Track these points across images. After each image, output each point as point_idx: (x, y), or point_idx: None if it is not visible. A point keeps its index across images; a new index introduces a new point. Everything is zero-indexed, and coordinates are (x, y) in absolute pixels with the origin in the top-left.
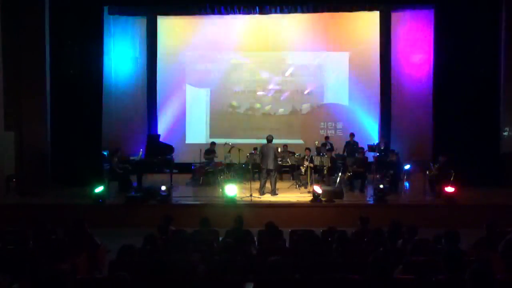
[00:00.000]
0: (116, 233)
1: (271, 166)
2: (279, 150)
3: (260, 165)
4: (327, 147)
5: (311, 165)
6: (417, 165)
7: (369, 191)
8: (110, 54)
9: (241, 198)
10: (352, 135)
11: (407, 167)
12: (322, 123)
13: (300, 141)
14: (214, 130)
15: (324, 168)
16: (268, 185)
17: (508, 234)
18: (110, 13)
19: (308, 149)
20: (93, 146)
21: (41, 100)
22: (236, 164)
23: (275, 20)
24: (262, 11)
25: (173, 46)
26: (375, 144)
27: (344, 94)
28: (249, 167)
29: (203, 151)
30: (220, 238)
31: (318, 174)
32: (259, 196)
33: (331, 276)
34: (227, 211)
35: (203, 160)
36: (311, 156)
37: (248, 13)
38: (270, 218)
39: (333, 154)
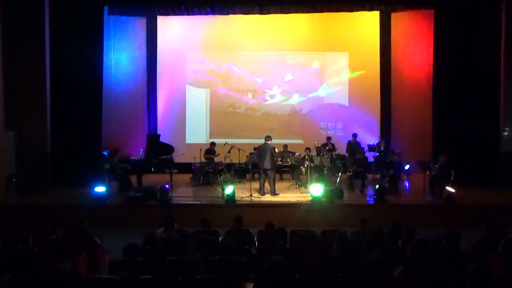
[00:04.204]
0: (116, 233)
1: (267, 165)
2: (277, 150)
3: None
4: (328, 148)
5: (312, 164)
6: (417, 165)
7: (369, 191)
8: (110, 54)
9: (241, 198)
10: (354, 135)
11: (407, 167)
12: (322, 123)
13: (300, 141)
14: (214, 130)
15: (324, 168)
16: (267, 185)
17: (508, 234)
18: (110, 13)
19: (308, 149)
20: (93, 146)
21: (41, 100)
22: (236, 164)
23: (275, 20)
24: (262, 11)
25: (173, 46)
26: (375, 144)
27: (344, 94)
28: (249, 167)
29: (203, 151)
30: (220, 238)
31: (318, 174)
32: (259, 196)
33: (331, 276)
34: (227, 211)
35: (203, 160)
36: (311, 156)
37: (248, 13)
38: (270, 218)
39: (333, 154)
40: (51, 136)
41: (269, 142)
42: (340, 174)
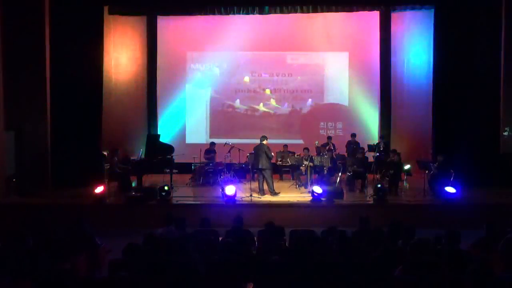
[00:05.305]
0: (116, 233)
1: (261, 165)
2: (279, 150)
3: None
4: (328, 148)
5: (311, 164)
6: (417, 165)
7: (369, 191)
8: (110, 54)
9: (241, 198)
10: (353, 135)
11: (407, 167)
12: (322, 123)
13: (300, 141)
14: (214, 130)
15: (324, 168)
16: (265, 186)
17: (508, 233)
18: (110, 13)
19: (306, 149)
20: (93, 146)
21: (41, 100)
22: (236, 164)
23: (275, 20)
24: (262, 11)
25: (173, 46)
26: (375, 144)
27: (344, 94)
28: (249, 167)
29: (203, 151)
30: (220, 238)
31: (318, 174)
32: (259, 196)
33: (331, 276)
34: (227, 211)
35: (203, 160)
36: (311, 156)
37: (248, 13)
38: (270, 218)
39: (334, 154)
40: (51, 136)
41: (264, 142)
42: (340, 174)
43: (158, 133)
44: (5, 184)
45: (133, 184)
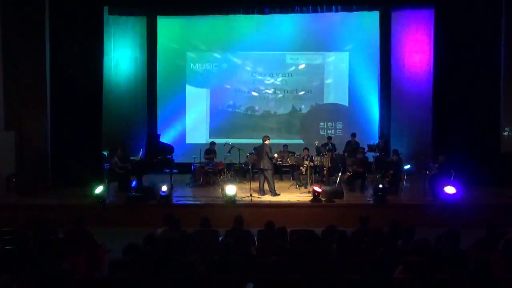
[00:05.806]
0: (116, 233)
1: (262, 165)
2: (279, 150)
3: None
4: (328, 147)
5: (311, 164)
6: (417, 165)
7: (369, 191)
8: (110, 54)
9: (241, 198)
10: (353, 135)
11: (407, 167)
12: (322, 123)
13: (300, 141)
14: (214, 130)
15: (324, 168)
16: (265, 186)
17: (508, 233)
18: (110, 13)
19: (306, 148)
20: (93, 146)
21: (41, 100)
22: (236, 164)
23: (275, 20)
24: (262, 11)
25: (173, 46)
26: (375, 144)
27: (344, 94)
28: (249, 167)
29: (203, 151)
30: (220, 238)
31: (318, 174)
32: (259, 196)
33: (331, 276)
34: (227, 211)
35: (203, 160)
36: (311, 156)
37: (248, 13)
38: (270, 218)
39: (334, 154)
40: (51, 136)
41: (266, 142)
42: (340, 174)
43: (158, 133)
44: (5, 184)
45: (133, 184)
